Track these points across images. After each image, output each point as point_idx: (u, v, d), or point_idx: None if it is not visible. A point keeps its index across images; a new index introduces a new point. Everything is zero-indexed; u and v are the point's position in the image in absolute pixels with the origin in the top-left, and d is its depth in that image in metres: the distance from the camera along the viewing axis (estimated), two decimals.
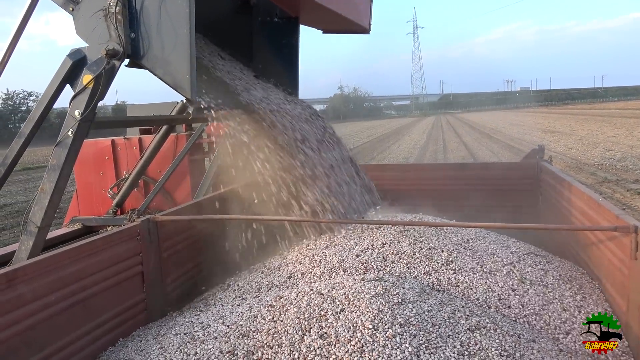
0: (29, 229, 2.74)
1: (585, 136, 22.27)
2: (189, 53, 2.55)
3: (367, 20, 4.62)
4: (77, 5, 2.73)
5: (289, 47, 4.38)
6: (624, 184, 10.03)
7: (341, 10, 4.07)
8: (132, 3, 2.62)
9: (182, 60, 2.57)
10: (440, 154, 18.64)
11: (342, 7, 4.12)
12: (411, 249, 3.04)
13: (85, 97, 2.64)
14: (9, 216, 10.90)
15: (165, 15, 2.58)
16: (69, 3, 2.74)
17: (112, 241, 2.60)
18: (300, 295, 2.40)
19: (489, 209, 4.40)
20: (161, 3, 2.58)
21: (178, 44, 2.58)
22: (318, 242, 3.36)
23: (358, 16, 4.45)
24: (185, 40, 2.55)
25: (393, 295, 2.32)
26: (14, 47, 2.82)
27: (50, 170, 2.71)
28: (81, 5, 2.72)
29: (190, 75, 2.56)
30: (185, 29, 2.54)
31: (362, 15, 4.55)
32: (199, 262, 3.41)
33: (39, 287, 2.12)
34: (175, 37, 2.58)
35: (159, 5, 2.58)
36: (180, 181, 5.37)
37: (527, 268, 2.86)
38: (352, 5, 4.38)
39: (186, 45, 2.55)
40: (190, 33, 2.54)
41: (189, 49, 2.55)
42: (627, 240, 2.24)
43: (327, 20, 4.34)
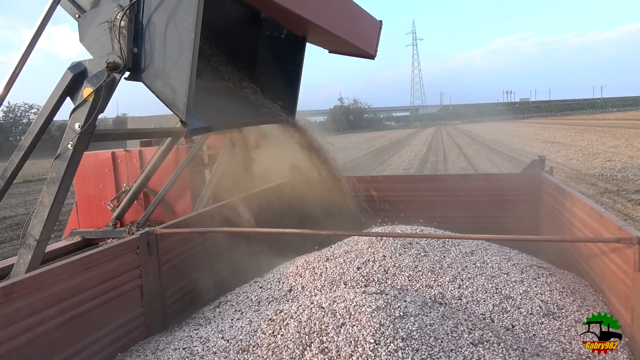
0: (28, 242, 2.73)
1: (585, 147, 22.31)
2: (188, 77, 2.55)
3: (374, 47, 4.63)
4: (84, 13, 2.75)
5: (292, 64, 4.38)
6: (625, 195, 10.01)
7: (348, 37, 4.08)
8: (139, 19, 2.64)
9: (181, 82, 2.57)
10: (440, 165, 18.65)
11: (350, 34, 4.13)
12: (412, 262, 3.02)
13: (86, 110, 2.64)
14: (8, 229, 10.88)
15: (170, 36, 2.59)
16: (76, 10, 2.76)
17: (111, 254, 2.58)
18: (300, 309, 2.38)
19: (490, 221, 4.38)
20: (168, 24, 2.59)
21: (179, 65, 2.58)
22: (318, 255, 3.34)
23: (365, 43, 4.47)
24: (187, 64, 2.55)
25: (395, 308, 2.29)
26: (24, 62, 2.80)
27: (49, 183, 2.70)
28: (88, 14, 2.73)
29: (187, 99, 2.56)
30: (188, 53, 2.55)
31: (369, 42, 4.56)
32: (199, 275, 3.38)
33: (36, 301, 2.09)
34: (177, 59, 2.58)
35: (166, 25, 2.59)
36: (180, 193, 5.36)
37: (530, 280, 2.83)
38: (361, 32, 4.39)
39: (187, 69, 2.55)
40: (192, 57, 2.54)
41: (189, 73, 2.55)
42: (630, 252, 2.22)
43: (334, 43, 4.35)
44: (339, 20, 3.91)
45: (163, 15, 2.59)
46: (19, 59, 2.71)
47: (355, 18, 4.29)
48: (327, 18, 3.72)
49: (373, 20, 4.60)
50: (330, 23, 3.75)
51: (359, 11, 4.31)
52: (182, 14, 2.54)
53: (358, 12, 4.31)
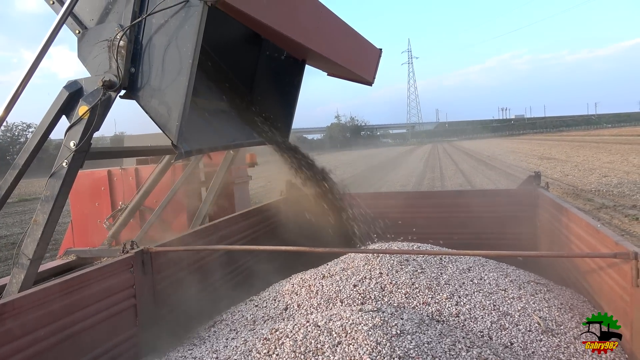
0: (21, 261, 2.70)
1: (581, 162, 22.42)
2: (183, 100, 2.56)
3: (372, 75, 4.67)
4: (85, 29, 2.78)
5: (290, 85, 4.40)
6: (621, 210, 10.03)
7: (347, 64, 4.11)
8: (139, 40, 2.66)
9: (176, 105, 2.59)
10: (437, 181, 18.68)
11: (349, 62, 4.16)
12: (409, 279, 3.00)
13: (81, 128, 2.64)
14: (4, 248, 10.78)
15: (169, 60, 2.61)
16: (77, 26, 2.78)
17: (104, 273, 2.55)
18: (296, 327, 2.34)
19: (486, 237, 4.37)
20: (167, 47, 2.61)
21: (175, 88, 2.59)
22: (315, 272, 3.31)
23: (364, 71, 4.51)
24: (183, 87, 2.57)
25: (391, 326, 2.26)
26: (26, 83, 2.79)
27: (44, 201, 2.68)
28: (88, 31, 2.76)
29: (179, 122, 2.57)
30: (185, 77, 2.56)
31: (368, 70, 4.61)
32: (194, 294, 3.34)
33: (28, 321, 2.06)
34: (173, 82, 2.60)
35: (165, 48, 2.62)
36: (176, 211, 5.34)
37: (528, 296, 2.81)
38: (360, 60, 4.43)
39: (182, 92, 2.57)
40: (189, 82, 2.56)
41: (184, 97, 2.56)
42: (628, 267, 2.21)
43: (333, 68, 4.39)
44: (338, 48, 3.94)
45: (163, 39, 2.62)
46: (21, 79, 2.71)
47: (355, 46, 4.33)
48: (327, 45, 3.75)
49: (373, 48, 4.64)
50: (329, 50, 3.78)
51: (359, 39, 4.35)
52: (182, 38, 2.56)
53: (358, 40, 4.35)
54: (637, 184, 13.39)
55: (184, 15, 2.56)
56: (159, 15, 2.61)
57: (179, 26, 2.58)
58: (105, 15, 2.77)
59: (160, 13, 2.60)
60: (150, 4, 2.64)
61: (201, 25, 2.55)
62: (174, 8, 2.57)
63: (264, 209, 4.65)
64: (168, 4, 2.58)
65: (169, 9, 2.58)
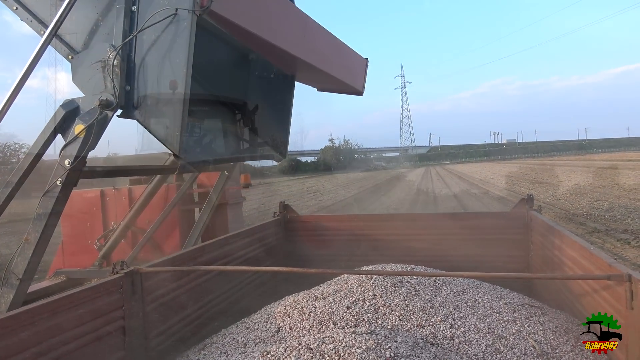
0: (10, 280, 2.66)
1: (572, 187, 22.60)
2: (181, 112, 2.59)
3: (361, 83, 4.80)
4: (76, 54, 2.81)
5: (282, 103, 4.48)
6: (613, 234, 10.07)
7: (336, 73, 4.22)
8: (131, 58, 2.69)
9: (175, 117, 2.61)
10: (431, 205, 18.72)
11: (338, 70, 4.28)
12: (403, 301, 2.97)
13: (76, 147, 2.65)
14: None
15: (163, 74, 2.64)
16: (69, 51, 2.81)
17: (93, 294, 2.50)
18: (288, 350, 2.31)
19: (480, 259, 4.36)
20: (160, 62, 2.65)
21: (172, 102, 2.62)
22: (307, 294, 3.27)
23: (353, 79, 4.63)
24: (180, 99, 2.60)
25: (385, 349, 2.23)
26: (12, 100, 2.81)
27: (36, 219, 2.66)
28: (80, 55, 2.79)
29: (179, 133, 2.60)
30: (181, 89, 2.60)
31: (356, 78, 4.73)
32: (184, 316, 3.29)
33: (15, 342, 2.01)
34: (170, 95, 2.63)
35: (158, 63, 2.65)
36: (169, 232, 5.30)
37: (523, 319, 2.79)
38: (348, 69, 4.55)
39: (180, 104, 2.60)
40: (185, 93, 2.59)
41: (182, 108, 2.59)
42: (622, 289, 2.21)
43: (323, 80, 4.49)
44: (326, 57, 4.04)
45: (155, 54, 2.65)
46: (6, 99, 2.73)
47: (342, 56, 4.44)
48: (315, 54, 3.84)
49: (359, 58, 4.77)
50: (318, 59, 3.87)
51: (346, 49, 4.46)
52: (175, 51, 2.60)
53: (345, 50, 4.46)
54: (628, 209, 13.49)
55: (174, 28, 2.60)
56: (149, 30, 2.65)
57: (172, 40, 2.62)
58: (95, 36, 2.81)
59: (150, 28, 2.64)
60: (140, 20, 2.68)
61: (192, 35, 2.59)
62: (164, 22, 2.61)
63: (257, 230, 4.62)
64: (157, 19, 2.62)
65: (158, 24, 2.62)
